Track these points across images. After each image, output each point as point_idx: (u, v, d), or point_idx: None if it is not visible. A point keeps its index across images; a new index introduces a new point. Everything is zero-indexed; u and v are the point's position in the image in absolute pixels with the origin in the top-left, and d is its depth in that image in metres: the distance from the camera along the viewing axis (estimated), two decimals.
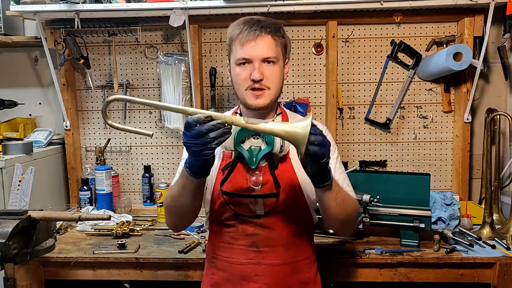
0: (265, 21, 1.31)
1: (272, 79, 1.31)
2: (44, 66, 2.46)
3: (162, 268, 1.74)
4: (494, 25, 2.21)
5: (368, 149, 2.36)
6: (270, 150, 1.27)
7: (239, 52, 1.30)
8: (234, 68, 1.33)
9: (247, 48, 1.28)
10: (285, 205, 1.31)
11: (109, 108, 2.41)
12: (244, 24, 1.30)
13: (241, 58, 1.30)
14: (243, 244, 1.32)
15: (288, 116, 1.44)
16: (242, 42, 1.29)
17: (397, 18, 2.22)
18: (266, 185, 1.30)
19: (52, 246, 1.65)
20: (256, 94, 1.30)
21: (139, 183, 2.42)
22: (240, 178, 1.31)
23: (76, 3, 2.02)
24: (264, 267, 1.31)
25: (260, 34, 1.28)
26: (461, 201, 2.19)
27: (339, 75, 2.30)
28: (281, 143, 1.26)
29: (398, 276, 1.69)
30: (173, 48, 2.35)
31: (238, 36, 1.30)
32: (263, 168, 1.31)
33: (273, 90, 1.32)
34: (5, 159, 1.94)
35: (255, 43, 1.28)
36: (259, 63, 1.28)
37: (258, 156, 1.27)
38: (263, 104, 1.31)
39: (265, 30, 1.29)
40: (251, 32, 1.28)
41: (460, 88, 2.25)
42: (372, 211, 1.79)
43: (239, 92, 1.34)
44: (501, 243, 1.75)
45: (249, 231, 1.31)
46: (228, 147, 1.28)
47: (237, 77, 1.32)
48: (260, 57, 1.28)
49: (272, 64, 1.31)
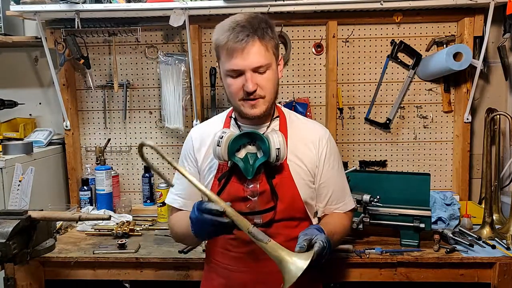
0: (251, 25, 1.21)
1: (266, 86, 1.25)
2: (44, 66, 2.46)
3: (162, 268, 1.74)
4: (494, 25, 2.21)
5: (368, 149, 2.36)
6: (266, 160, 1.25)
7: (228, 64, 1.23)
8: (224, 78, 1.27)
9: (236, 60, 1.21)
10: (284, 214, 1.29)
11: (109, 108, 2.41)
12: (230, 32, 1.20)
13: (230, 70, 1.23)
14: (242, 252, 1.30)
15: (287, 119, 1.39)
16: (230, 53, 1.20)
17: (397, 18, 2.22)
18: (264, 195, 1.27)
19: (52, 246, 1.65)
20: (251, 103, 1.26)
21: (139, 183, 2.42)
22: (236, 187, 1.29)
23: (76, 3, 2.02)
24: (263, 275, 1.29)
25: (248, 42, 1.19)
26: (461, 201, 2.19)
27: (339, 75, 2.30)
28: (276, 153, 1.23)
29: (398, 276, 1.69)
30: (173, 48, 2.35)
31: (225, 45, 1.21)
32: (260, 176, 1.28)
33: (268, 97, 1.28)
34: (5, 159, 1.94)
35: (243, 53, 1.20)
36: (250, 74, 1.22)
37: (254, 166, 1.25)
38: (259, 113, 1.28)
39: (252, 37, 1.20)
40: (238, 42, 1.19)
41: (460, 88, 2.25)
42: (372, 211, 1.79)
43: (233, 101, 1.30)
44: (501, 243, 1.75)
45: (247, 240, 1.27)
46: (222, 158, 1.25)
47: (229, 88, 1.27)
48: (250, 67, 1.21)
49: (264, 72, 1.24)
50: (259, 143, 1.28)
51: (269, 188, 1.27)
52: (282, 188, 1.28)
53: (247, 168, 1.25)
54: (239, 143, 1.27)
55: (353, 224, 1.75)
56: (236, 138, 1.26)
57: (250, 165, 1.25)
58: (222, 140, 1.24)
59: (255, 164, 1.25)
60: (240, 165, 1.25)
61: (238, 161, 1.25)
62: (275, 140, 1.23)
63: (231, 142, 1.24)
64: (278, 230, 1.29)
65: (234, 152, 1.26)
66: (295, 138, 1.35)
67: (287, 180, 1.30)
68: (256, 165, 1.25)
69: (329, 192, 1.37)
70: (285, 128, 1.36)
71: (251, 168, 1.25)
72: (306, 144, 1.35)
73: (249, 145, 1.29)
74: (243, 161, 1.26)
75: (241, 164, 1.25)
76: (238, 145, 1.27)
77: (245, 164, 1.25)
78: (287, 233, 1.30)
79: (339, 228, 1.34)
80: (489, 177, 1.97)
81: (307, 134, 1.37)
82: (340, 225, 1.36)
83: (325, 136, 1.38)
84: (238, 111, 1.31)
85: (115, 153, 2.44)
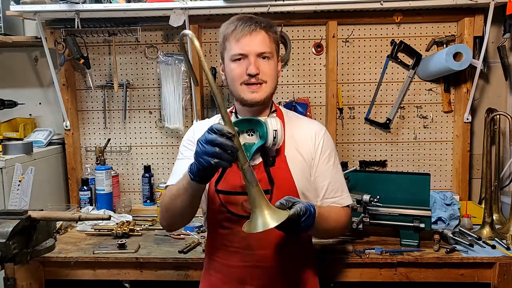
0: (258, 18, 1.33)
1: (268, 73, 1.31)
2: (44, 66, 2.46)
3: (162, 268, 1.74)
4: (494, 25, 2.21)
5: (368, 149, 2.36)
6: (263, 144, 1.27)
7: (234, 48, 1.29)
8: (228, 64, 1.33)
9: (242, 43, 1.28)
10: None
11: (109, 108, 2.41)
12: (238, 21, 1.31)
13: (236, 54, 1.29)
14: (238, 247, 1.31)
15: (284, 115, 1.42)
16: (237, 37, 1.29)
17: (397, 18, 2.22)
18: (260, 183, 1.26)
19: (52, 246, 1.65)
20: (252, 88, 1.29)
21: (139, 183, 2.42)
22: (234, 176, 1.30)
23: (76, 3, 2.02)
24: (259, 269, 1.30)
25: (255, 29, 1.29)
26: (461, 201, 2.20)
27: (339, 75, 2.30)
28: (274, 134, 1.26)
29: (398, 276, 1.69)
30: (173, 48, 2.35)
31: (233, 32, 1.29)
32: (258, 165, 1.31)
33: (269, 84, 1.32)
34: (5, 159, 1.94)
35: (250, 38, 1.28)
36: (254, 58, 1.29)
37: (251, 150, 1.27)
38: (259, 99, 1.30)
39: (259, 26, 1.30)
40: (246, 27, 1.28)
41: (460, 88, 2.25)
42: (372, 211, 1.79)
43: (234, 87, 1.33)
44: (501, 243, 1.75)
45: (244, 233, 1.30)
46: None
47: (232, 72, 1.31)
48: (255, 51, 1.29)
49: (267, 59, 1.31)
50: (257, 128, 1.30)
51: (266, 176, 1.29)
52: (278, 177, 1.30)
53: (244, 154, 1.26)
54: (238, 128, 1.26)
55: (353, 224, 1.75)
56: (235, 122, 1.28)
57: (247, 150, 1.27)
58: (222, 122, 1.25)
59: (252, 148, 1.28)
60: None
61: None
62: (272, 122, 1.28)
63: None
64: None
65: None
66: (293, 130, 1.38)
67: (284, 170, 1.32)
68: (253, 149, 1.27)
69: (325, 185, 1.38)
70: (283, 120, 1.39)
71: (248, 152, 1.27)
72: (303, 137, 1.38)
73: (248, 135, 1.31)
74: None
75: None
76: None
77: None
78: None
79: (333, 214, 1.33)
80: (489, 177, 1.97)
81: (304, 128, 1.41)
82: (334, 214, 1.34)
83: (322, 131, 1.41)
84: (239, 99, 1.34)
85: (115, 153, 2.44)
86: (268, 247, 1.30)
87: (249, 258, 1.30)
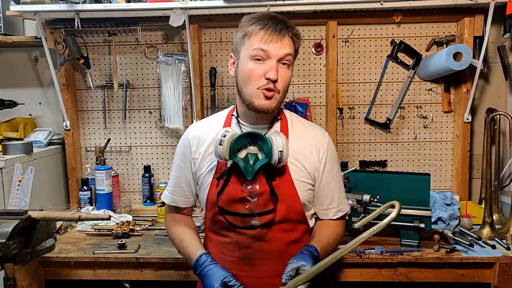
0: (288, 22, 1.27)
1: (284, 82, 1.26)
2: (44, 66, 2.46)
3: (162, 268, 1.74)
4: (494, 25, 2.21)
5: (368, 149, 2.36)
6: (267, 162, 1.23)
7: (259, 47, 1.22)
8: (246, 61, 1.25)
9: (269, 44, 1.22)
10: (282, 217, 1.28)
11: (109, 108, 2.41)
12: (268, 20, 1.24)
13: (260, 54, 1.23)
14: (236, 256, 1.30)
15: (288, 123, 1.37)
16: (265, 38, 1.22)
17: (397, 18, 2.22)
18: (262, 196, 1.26)
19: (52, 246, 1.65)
20: (267, 95, 1.24)
21: (139, 183, 2.42)
22: (235, 187, 1.28)
23: (76, 3, 2.02)
24: (257, 279, 1.29)
25: (285, 35, 1.24)
26: (461, 201, 2.19)
27: (339, 75, 2.30)
28: (279, 155, 1.21)
29: (398, 276, 1.69)
30: (173, 48, 2.35)
31: (261, 31, 1.23)
32: (259, 177, 1.27)
33: (282, 94, 1.28)
34: (5, 159, 1.94)
35: (278, 41, 1.23)
36: (276, 63, 1.23)
37: (254, 167, 1.24)
38: (270, 108, 1.26)
39: (290, 32, 1.25)
40: (277, 30, 1.23)
41: (460, 88, 2.25)
42: (372, 211, 1.78)
43: (246, 89, 1.26)
44: (501, 243, 1.76)
45: (243, 244, 1.28)
46: (223, 157, 1.23)
47: (250, 72, 1.24)
48: (279, 56, 1.23)
49: (287, 66, 1.26)
50: (260, 143, 1.26)
51: (268, 189, 1.26)
52: (281, 190, 1.27)
53: (247, 169, 1.24)
54: (241, 143, 1.25)
55: (353, 224, 1.75)
56: (238, 137, 1.25)
57: (250, 165, 1.24)
58: (224, 139, 1.23)
59: (256, 165, 1.24)
60: (241, 164, 1.24)
61: (239, 161, 1.24)
62: (278, 142, 1.22)
63: (233, 141, 1.23)
64: (275, 234, 1.29)
65: (235, 151, 1.25)
66: (296, 141, 1.34)
67: (287, 182, 1.29)
68: (257, 166, 1.24)
69: (328, 196, 1.38)
70: (286, 130, 1.35)
71: (251, 168, 1.24)
72: (307, 148, 1.35)
73: (250, 146, 1.27)
74: (243, 161, 1.25)
75: (242, 164, 1.24)
76: (239, 145, 1.25)
77: (245, 164, 1.24)
78: (284, 237, 1.30)
79: (333, 238, 1.38)
80: (489, 177, 1.97)
81: (309, 138, 1.37)
82: (334, 235, 1.39)
83: (326, 141, 1.38)
84: (248, 102, 1.27)
85: (115, 153, 2.44)
86: (267, 258, 1.30)
87: (247, 268, 1.30)
